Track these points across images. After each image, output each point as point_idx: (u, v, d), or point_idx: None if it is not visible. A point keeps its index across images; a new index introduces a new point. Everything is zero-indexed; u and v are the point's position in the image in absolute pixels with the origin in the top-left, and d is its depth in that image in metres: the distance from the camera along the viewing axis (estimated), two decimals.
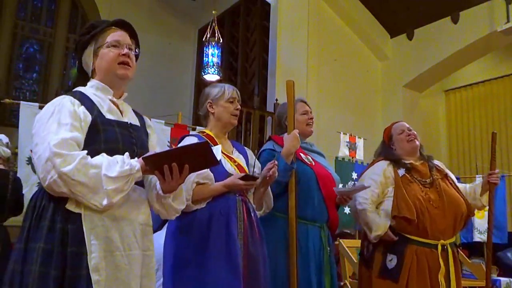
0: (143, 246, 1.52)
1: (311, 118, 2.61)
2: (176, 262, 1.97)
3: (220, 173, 2.04)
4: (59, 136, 1.38)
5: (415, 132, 2.70)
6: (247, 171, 2.15)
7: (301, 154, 2.49)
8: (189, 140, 2.11)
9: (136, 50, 1.70)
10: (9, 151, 3.75)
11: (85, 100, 1.53)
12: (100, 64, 1.61)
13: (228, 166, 2.10)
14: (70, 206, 1.39)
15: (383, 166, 2.60)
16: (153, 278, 1.57)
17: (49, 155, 1.35)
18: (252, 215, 2.10)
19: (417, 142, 2.66)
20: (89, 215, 1.40)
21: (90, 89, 1.60)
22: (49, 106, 1.49)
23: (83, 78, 1.67)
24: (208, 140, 2.11)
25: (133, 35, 1.69)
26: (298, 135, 2.36)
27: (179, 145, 2.10)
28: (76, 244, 1.37)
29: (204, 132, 2.22)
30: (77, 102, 1.51)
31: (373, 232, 2.45)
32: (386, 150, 2.71)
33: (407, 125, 2.73)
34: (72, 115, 1.45)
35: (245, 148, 2.36)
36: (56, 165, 1.34)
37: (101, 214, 1.41)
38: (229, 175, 2.06)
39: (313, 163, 2.50)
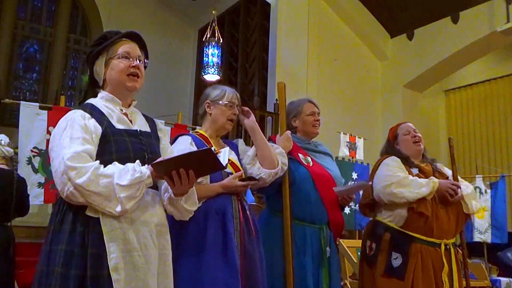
0: (160, 246, 1.59)
1: (317, 120, 2.61)
2: (172, 259, 1.98)
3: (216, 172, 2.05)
4: (72, 150, 1.47)
5: (420, 135, 2.70)
6: (240, 168, 2.16)
7: (299, 155, 2.48)
8: (183, 140, 2.12)
9: (146, 61, 1.77)
10: (12, 150, 3.76)
11: (95, 113, 1.62)
12: (110, 74, 1.69)
13: None
14: (89, 212, 1.48)
15: (398, 160, 2.60)
16: (170, 275, 1.64)
17: (64, 169, 1.44)
18: (248, 213, 2.11)
19: (422, 146, 2.68)
20: (107, 219, 1.48)
21: (100, 100, 1.69)
22: (61, 122, 1.58)
23: (94, 87, 1.75)
24: (202, 140, 2.13)
25: (142, 46, 1.77)
26: (290, 137, 2.39)
27: (173, 145, 2.12)
28: (96, 246, 1.46)
29: (198, 132, 2.24)
30: (87, 115, 1.59)
31: (416, 190, 2.40)
32: (392, 149, 2.71)
33: (413, 127, 2.73)
34: (83, 129, 1.54)
35: (234, 141, 2.37)
36: (71, 178, 1.43)
37: (118, 218, 1.49)
38: (223, 172, 2.07)
39: (311, 164, 2.48)
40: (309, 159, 2.51)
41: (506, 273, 5.51)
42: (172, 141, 2.16)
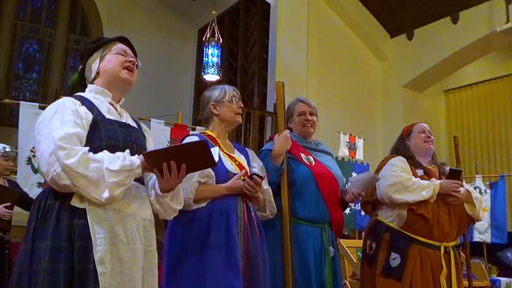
0: (146, 241, 1.56)
1: (308, 120, 2.57)
2: (175, 258, 1.98)
3: (221, 172, 2.06)
4: (64, 131, 1.44)
5: (433, 138, 2.70)
6: (247, 170, 2.16)
7: (301, 154, 2.47)
8: (190, 139, 2.11)
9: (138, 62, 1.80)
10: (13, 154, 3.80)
11: (85, 102, 1.60)
12: (105, 66, 1.69)
13: (228, 164, 2.11)
14: (75, 202, 1.44)
15: (404, 160, 2.59)
16: (156, 273, 1.62)
17: (53, 148, 1.40)
18: (253, 214, 2.10)
19: (432, 146, 2.67)
20: (94, 209, 1.44)
21: (89, 93, 1.68)
22: (52, 106, 1.56)
23: (82, 85, 1.75)
24: (209, 140, 2.13)
25: (134, 53, 1.80)
26: (288, 136, 2.35)
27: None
28: (83, 238, 1.41)
29: (205, 132, 2.23)
30: (78, 102, 1.58)
31: (417, 193, 2.41)
32: (402, 145, 2.70)
33: (428, 129, 2.73)
34: (75, 113, 1.52)
35: (246, 148, 2.37)
36: (60, 158, 1.39)
37: (105, 209, 1.46)
38: (229, 173, 2.07)
39: (313, 163, 2.48)
40: (311, 158, 2.50)
41: (506, 273, 5.51)
42: (180, 142, 2.17)
